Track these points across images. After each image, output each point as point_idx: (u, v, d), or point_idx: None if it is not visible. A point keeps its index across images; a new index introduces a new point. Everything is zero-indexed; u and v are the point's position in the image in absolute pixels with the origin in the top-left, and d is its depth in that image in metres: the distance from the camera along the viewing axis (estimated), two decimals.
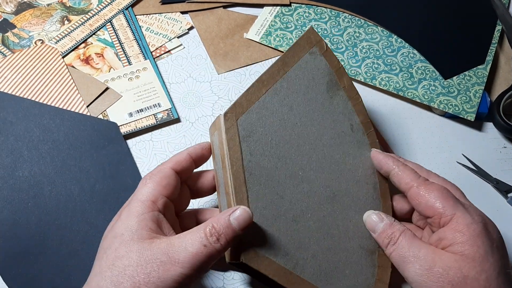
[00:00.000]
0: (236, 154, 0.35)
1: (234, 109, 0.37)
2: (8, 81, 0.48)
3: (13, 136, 0.44)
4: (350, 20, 0.54)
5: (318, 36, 0.42)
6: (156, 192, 0.33)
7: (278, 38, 0.53)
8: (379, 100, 0.50)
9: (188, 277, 0.29)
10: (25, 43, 0.51)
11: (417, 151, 0.47)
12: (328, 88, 0.41)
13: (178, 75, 0.51)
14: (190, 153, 0.37)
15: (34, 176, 0.42)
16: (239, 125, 0.36)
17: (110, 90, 0.49)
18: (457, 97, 0.48)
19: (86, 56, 0.51)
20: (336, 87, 0.41)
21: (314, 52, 0.41)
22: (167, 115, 0.47)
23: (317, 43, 0.42)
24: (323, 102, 0.40)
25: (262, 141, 0.37)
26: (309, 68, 0.41)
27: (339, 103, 0.41)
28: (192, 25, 0.54)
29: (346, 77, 0.42)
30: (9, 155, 0.43)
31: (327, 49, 0.42)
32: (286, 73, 0.40)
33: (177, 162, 0.36)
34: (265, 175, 0.36)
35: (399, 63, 0.51)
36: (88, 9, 0.54)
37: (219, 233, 0.30)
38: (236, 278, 0.40)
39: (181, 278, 0.29)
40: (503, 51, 0.54)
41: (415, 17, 0.55)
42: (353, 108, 0.41)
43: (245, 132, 0.36)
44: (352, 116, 0.41)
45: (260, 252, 0.34)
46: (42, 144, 0.44)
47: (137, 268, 0.29)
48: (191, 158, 0.37)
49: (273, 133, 0.38)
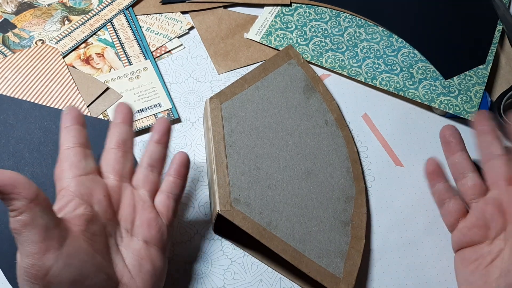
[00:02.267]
0: (218, 129, 0.41)
1: (219, 96, 0.43)
2: (9, 81, 0.48)
3: (14, 139, 0.44)
4: (351, 20, 0.54)
5: (296, 51, 0.49)
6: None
7: (278, 38, 0.53)
8: (380, 100, 0.50)
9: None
10: (26, 43, 0.51)
11: (418, 151, 0.47)
12: (304, 91, 0.46)
13: (179, 75, 0.51)
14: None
15: (36, 178, 0.43)
16: (222, 108, 0.42)
17: (111, 90, 0.49)
18: (458, 97, 0.48)
19: (87, 56, 0.51)
20: (312, 90, 0.46)
21: (292, 63, 0.48)
22: (168, 115, 0.47)
23: (295, 56, 0.49)
24: (299, 101, 0.46)
25: (242, 123, 0.42)
26: (288, 74, 0.47)
27: (315, 103, 0.46)
28: (193, 25, 0.54)
29: (321, 84, 0.48)
30: (11, 158, 0.43)
31: (303, 61, 0.49)
32: (267, 75, 0.46)
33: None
34: (244, 149, 0.41)
35: (399, 63, 0.51)
36: (88, 9, 0.54)
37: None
38: (237, 278, 0.40)
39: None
40: (503, 51, 0.53)
41: (416, 17, 0.55)
42: (328, 107, 0.46)
43: (227, 114, 0.42)
44: (326, 113, 0.46)
45: (235, 208, 0.38)
46: (44, 146, 0.44)
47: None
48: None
49: (253, 118, 0.43)
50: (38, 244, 0.28)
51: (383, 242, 0.42)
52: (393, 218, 0.44)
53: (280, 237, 0.38)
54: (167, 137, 0.39)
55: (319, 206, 0.40)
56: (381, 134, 0.48)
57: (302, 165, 0.42)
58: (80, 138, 0.36)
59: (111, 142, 0.38)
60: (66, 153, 0.35)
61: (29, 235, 0.28)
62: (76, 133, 0.36)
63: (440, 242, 0.42)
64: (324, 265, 0.37)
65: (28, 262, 0.28)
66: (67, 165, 0.34)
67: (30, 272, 0.28)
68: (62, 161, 0.34)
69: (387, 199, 0.45)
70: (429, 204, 0.44)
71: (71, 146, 0.35)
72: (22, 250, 0.28)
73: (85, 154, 0.35)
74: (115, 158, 0.37)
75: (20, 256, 0.28)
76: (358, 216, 0.41)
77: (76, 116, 0.37)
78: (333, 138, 0.44)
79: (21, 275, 0.29)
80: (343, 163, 0.43)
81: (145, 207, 0.36)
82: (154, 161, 0.38)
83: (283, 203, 0.40)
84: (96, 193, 0.34)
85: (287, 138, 0.43)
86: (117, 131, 0.38)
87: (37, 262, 0.28)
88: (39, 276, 0.28)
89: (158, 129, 0.39)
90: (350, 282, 0.37)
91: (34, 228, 0.28)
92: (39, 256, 0.28)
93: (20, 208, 0.27)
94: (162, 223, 0.36)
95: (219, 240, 0.42)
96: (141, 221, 0.36)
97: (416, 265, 0.41)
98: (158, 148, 0.39)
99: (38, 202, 0.28)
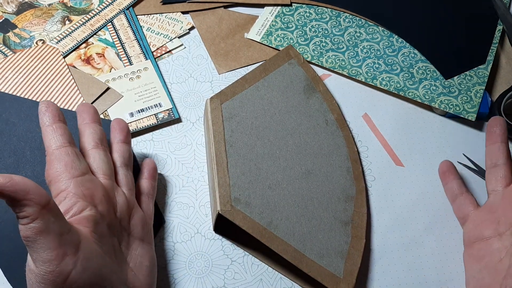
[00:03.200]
0: (219, 129, 0.41)
1: (219, 95, 0.43)
2: (10, 81, 0.48)
3: (16, 137, 0.44)
4: (351, 20, 0.54)
5: (296, 51, 0.49)
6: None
7: (279, 38, 0.53)
8: (380, 100, 0.50)
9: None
10: (26, 43, 0.51)
11: (418, 151, 0.47)
12: (304, 91, 0.46)
13: (179, 75, 0.51)
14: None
15: (37, 176, 0.43)
16: (223, 108, 0.42)
17: (111, 90, 0.49)
18: (458, 97, 0.48)
19: (87, 56, 0.51)
20: (312, 90, 0.46)
21: (293, 63, 0.48)
22: (168, 115, 0.48)
23: (295, 56, 0.48)
24: (300, 101, 0.45)
25: (243, 123, 0.42)
26: (288, 74, 0.47)
27: (315, 103, 0.46)
28: (193, 25, 0.54)
29: (321, 84, 0.47)
30: (12, 156, 0.43)
31: (304, 62, 0.48)
32: (268, 75, 0.46)
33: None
34: (245, 149, 0.41)
35: (400, 63, 0.51)
36: (89, 9, 0.54)
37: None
38: (237, 278, 0.40)
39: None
40: (504, 51, 0.53)
41: (416, 17, 0.55)
42: (328, 107, 0.46)
43: (228, 114, 0.42)
44: (327, 113, 0.45)
45: (236, 208, 0.38)
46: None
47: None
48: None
49: (253, 118, 0.43)
50: (55, 251, 0.27)
51: (383, 241, 0.42)
52: (393, 218, 0.44)
53: (280, 237, 0.38)
54: (130, 135, 0.41)
55: (320, 205, 0.40)
56: (381, 134, 0.48)
57: (302, 165, 0.42)
58: (68, 136, 0.35)
59: (89, 143, 0.37)
60: (57, 153, 0.33)
61: (44, 242, 0.27)
62: (62, 131, 0.35)
63: (440, 242, 0.42)
64: (324, 265, 0.38)
65: (45, 269, 0.27)
66: (62, 166, 0.33)
67: (47, 279, 0.27)
68: (53, 162, 0.33)
69: (387, 198, 0.45)
70: (429, 204, 0.44)
71: (62, 146, 0.34)
72: (38, 257, 0.27)
73: (77, 153, 0.34)
74: (100, 157, 0.36)
75: (35, 263, 0.28)
76: (358, 216, 0.41)
77: (57, 112, 0.36)
78: (334, 138, 0.44)
79: (35, 283, 0.28)
80: (344, 163, 0.43)
81: (135, 206, 0.37)
82: (126, 160, 0.39)
83: (284, 203, 0.40)
84: (97, 193, 0.33)
85: (287, 138, 0.43)
86: (91, 131, 0.37)
87: (55, 269, 0.27)
88: (57, 282, 0.27)
89: (120, 129, 0.40)
90: (350, 282, 0.37)
91: (48, 234, 0.27)
92: (57, 262, 0.27)
93: (32, 215, 0.26)
94: (149, 222, 0.38)
95: (219, 240, 0.42)
96: (135, 220, 0.36)
97: (416, 264, 0.41)
98: (126, 147, 0.40)
99: (50, 208, 0.27)
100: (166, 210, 0.43)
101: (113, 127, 0.40)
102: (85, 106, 0.39)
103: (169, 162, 0.45)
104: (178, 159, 0.46)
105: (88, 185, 0.33)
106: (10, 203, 0.26)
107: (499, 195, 0.39)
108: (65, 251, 0.28)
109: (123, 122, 0.41)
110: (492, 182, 0.40)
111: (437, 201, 0.44)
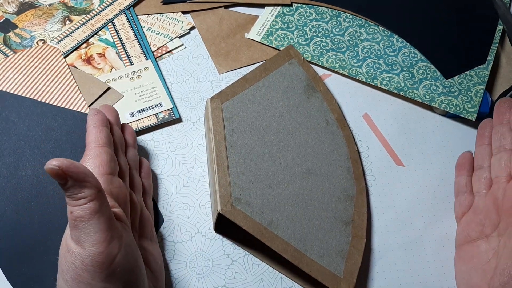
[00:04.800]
0: (219, 129, 0.41)
1: (220, 95, 0.43)
2: (10, 81, 0.48)
3: (16, 136, 0.44)
4: (351, 20, 0.54)
5: (296, 51, 0.49)
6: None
7: (279, 38, 0.53)
8: (380, 100, 0.50)
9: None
10: (27, 43, 0.51)
11: (418, 151, 0.47)
12: (305, 91, 0.46)
13: (180, 75, 0.51)
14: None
15: (36, 175, 0.43)
16: (223, 108, 0.42)
17: (112, 90, 0.49)
18: (458, 97, 0.48)
19: (88, 56, 0.51)
20: (312, 90, 0.46)
21: (293, 63, 0.48)
22: (169, 115, 0.48)
23: (295, 56, 0.49)
24: (300, 101, 0.45)
25: (243, 123, 0.42)
26: (288, 74, 0.47)
27: (315, 103, 0.46)
28: (194, 25, 0.54)
29: (322, 83, 0.48)
30: (12, 155, 0.44)
31: (304, 61, 0.49)
32: (268, 75, 0.46)
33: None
34: (245, 149, 0.41)
35: (400, 63, 0.51)
36: (89, 9, 0.55)
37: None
38: (238, 278, 0.40)
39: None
40: (504, 50, 0.54)
41: (416, 17, 0.55)
42: (328, 107, 0.46)
43: (228, 114, 0.42)
44: (327, 113, 0.46)
45: (236, 207, 0.38)
46: (45, 143, 0.44)
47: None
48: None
49: (253, 118, 0.43)
50: (106, 232, 0.28)
51: (384, 241, 0.42)
52: (393, 218, 0.44)
53: (281, 237, 0.38)
54: (136, 140, 0.43)
55: (320, 205, 0.40)
56: (381, 134, 0.48)
57: (302, 165, 0.42)
58: (109, 140, 0.37)
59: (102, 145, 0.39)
60: (96, 150, 0.35)
61: (97, 223, 0.28)
62: (107, 135, 0.37)
63: (440, 242, 0.42)
64: (325, 265, 0.38)
65: (95, 250, 0.28)
66: (98, 162, 0.35)
67: (96, 260, 0.28)
68: (91, 157, 0.35)
69: (387, 198, 0.45)
70: (429, 204, 0.44)
71: (102, 145, 0.36)
72: (88, 239, 0.28)
73: (113, 155, 0.37)
74: (122, 162, 0.39)
75: (82, 245, 0.28)
76: (358, 216, 0.41)
77: (105, 119, 0.39)
78: (334, 137, 0.44)
79: (80, 265, 0.28)
80: (344, 162, 0.43)
81: (143, 207, 0.39)
82: (136, 163, 0.41)
83: (284, 203, 0.40)
84: (121, 194, 0.35)
85: (287, 138, 0.43)
86: (115, 135, 0.40)
87: (104, 250, 0.28)
88: (105, 264, 0.28)
89: (129, 133, 0.42)
90: (350, 282, 0.37)
91: (102, 215, 0.28)
92: (107, 244, 0.28)
93: (90, 196, 0.28)
94: (152, 220, 0.40)
95: (220, 240, 0.42)
96: (145, 220, 0.38)
97: (416, 264, 0.41)
98: (135, 151, 0.42)
99: (103, 192, 0.29)
100: (167, 210, 0.43)
101: (122, 132, 0.42)
102: (109, 108, 0.41)
103: (169, 162, 0.46)
104: (179, 159, 0.46)
105: (116, 185, 0.35)
106: (71, 183, 0.27)
107: (483, 197, 0.39)
108: (113, 234, 0.29)
109: (130, 127, 0.43)
110: (477, 184, 0.41)
111: (437, 201, 0.44)
